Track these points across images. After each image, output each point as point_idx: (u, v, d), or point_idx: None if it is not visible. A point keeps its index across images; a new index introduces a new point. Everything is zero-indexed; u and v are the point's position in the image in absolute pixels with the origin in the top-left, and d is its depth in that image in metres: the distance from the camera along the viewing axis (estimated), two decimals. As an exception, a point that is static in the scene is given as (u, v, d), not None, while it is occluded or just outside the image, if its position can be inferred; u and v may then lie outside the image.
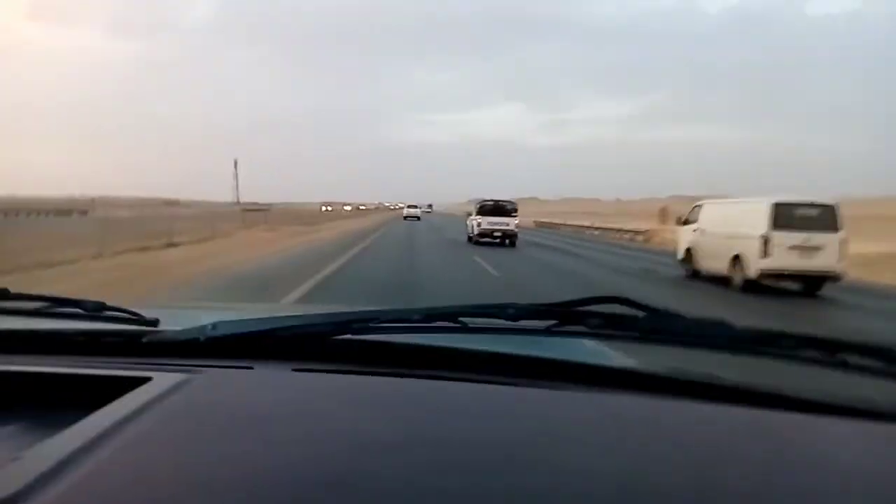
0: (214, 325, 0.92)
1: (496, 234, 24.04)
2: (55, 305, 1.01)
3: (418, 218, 62.25)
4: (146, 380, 0.73)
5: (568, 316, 0.93)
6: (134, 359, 0.89)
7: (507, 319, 0.92)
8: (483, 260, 16.59)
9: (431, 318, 0.95)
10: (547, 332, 0.93)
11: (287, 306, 5.30)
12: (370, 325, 0.94)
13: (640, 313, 0.92)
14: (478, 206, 25.51)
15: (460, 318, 0.95)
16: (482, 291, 10.64)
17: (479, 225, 24.24)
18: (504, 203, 25.40)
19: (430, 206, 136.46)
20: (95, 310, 0.98)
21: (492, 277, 13.37)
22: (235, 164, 54.27)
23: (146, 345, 0.90)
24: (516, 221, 24.71)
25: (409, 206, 69.95)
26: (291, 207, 74.69)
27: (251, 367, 0.88)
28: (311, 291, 9.42)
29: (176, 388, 0.72)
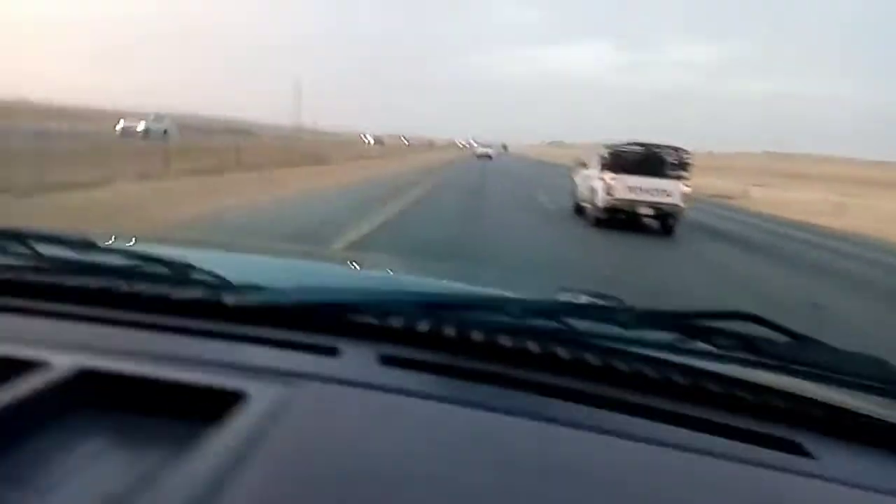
0: (299, 291, 0.92)
1: (644, 209, 12.96)
2: (142, 263, 0.99)
3: (490, 157, 62.18)
4: (241, 394, 0.68)
5: (693, 330, 0.85)
6: (214, 324, 0.88)
7: (620, 326, 0.85)
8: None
9: (529, 312, 0.89)
10: (670, 349, 0.84)
11: (338, 253, 5.54)
12: (462, 311, 0.91)
13: (780, 337, 0.84)
14: (609, 152, 13.58)
15: (564, 318, 0.87)
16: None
17: (609, 189, 12.78)
18: (661, 151, 13.44)
19: (504, 146, 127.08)
20: (181, 271, 0.98)
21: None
22: (297, 84, 44.42)
23: (230, 309, 0.89)
24: (684, 189, 12.96)
25: (482, 146, 72.32)
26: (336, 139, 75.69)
27: (335, 349, 0.84)
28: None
29: (278, 407, 0.68)
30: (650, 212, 12.85)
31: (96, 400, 0.67)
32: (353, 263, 1.95)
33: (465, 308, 0.93)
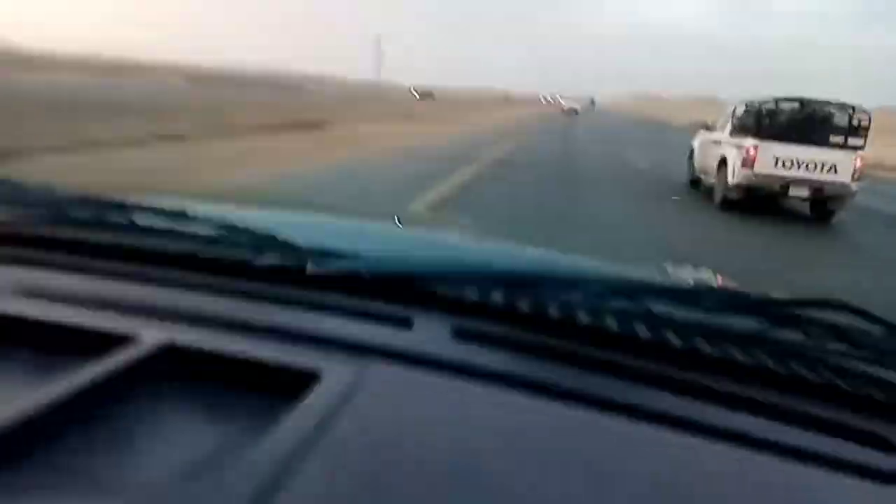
0: (378, 259, 0.93)
1: (798, 190, 9.52)
2: (224, 232, 1.00)
3: (577, 112, 62.10)
4: (316, 373, 0.69)
5: (782, 317, 0.82)
6: (294, 290, 0.91)
7: (705, 310, 0.84)
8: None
9: (608, 291, 0.87)
10: (757, 336, 0.81)
11: (415, 215, 5.22)
12: (539, 287, 0.89)
13: (876, 328, 0.80)
14: (750, 110, 10.18)
15: (645, 298, 0.86)
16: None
17: (748, 161, 9.44)
18: (827, 109, 9.80)
19: (592, 101, 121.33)
20: (261, 237, 0.98)
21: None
22: (378, 40, 42.85)
23: (308, 277, 0.90)
24: (857, 164, 9.50)
25: (568, 101, 72.09)
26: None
27: (409, 321, 0.85)
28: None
29: (350, 387, 0.69)
30: (805, 193, 9.55)
31: (178, 373, 0.70)
32: (430, 229, 2.03)
33: (543, 283, 0.91)
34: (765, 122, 9.61)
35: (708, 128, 11.74)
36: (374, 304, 0.89)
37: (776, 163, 9.32)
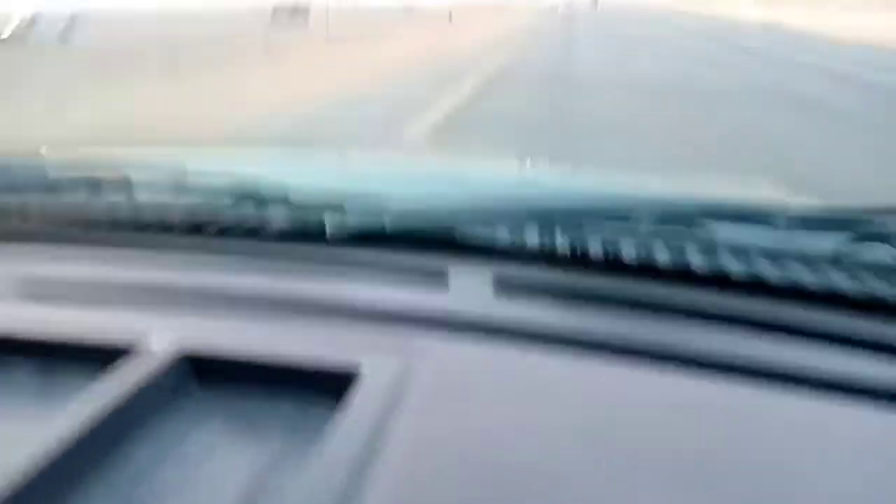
0: (399, 205, 0.87)
1: None
2: (233, 185, 0.95)
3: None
4: (355, 372, 0.64)
5: (871, 231, 0.77)
6: (311, 248, 0.87)
7: (774, 228, 0.78)
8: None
9: (664, 218, 0.82)
10: (842, 256, 0.75)
11: (417, 140, 4.87)
12: (583, 223, 0.84)
13: None
14: None
15: (704, 225, 0.81)
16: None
17: None
18: None
19: None
20: (282, 195, 0.92)
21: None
22: None
23: (327, 238, 0.86)
24: None
25: None
26: None
27: (444, 274, 0.81)
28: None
29: (396, 385, 0.64)
30: None
31: (198, 383, 0.66)
32: (445, 158, 1.90)
33: (584, 215, 0.86)
34: None
35: None
36: (403, 260, 0.85)
37: None
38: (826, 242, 0.78)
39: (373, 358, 0.67)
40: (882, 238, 0.77)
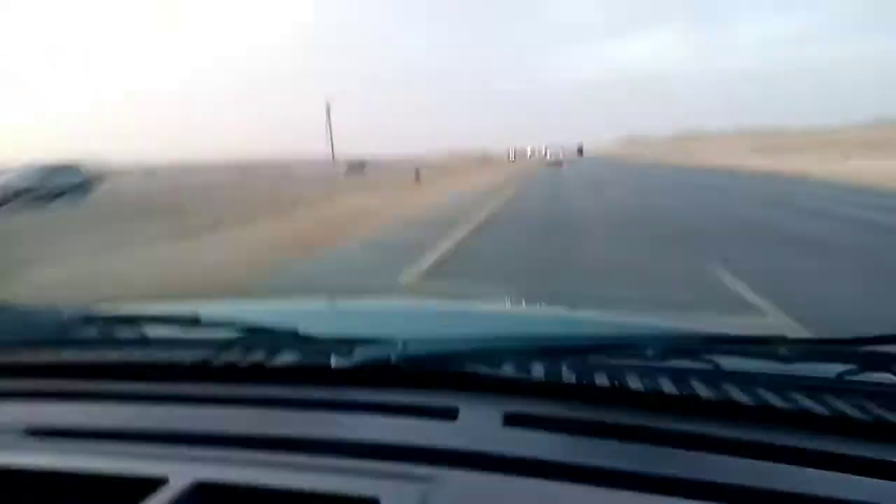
0: (406, 343, 0.87)
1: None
2: (244, 334, 0.98)
3: (561, 164, 58.36)
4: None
5: (871, 359, 0.77)
6: (318, 390, 0.87)
7: (776, 360, 0.79)
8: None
9: (669, 351, 0.83)
10: (843, 383, 0.76)
11: (418, 285, 5.06)
12: (590, 355, 0.84)
13: None
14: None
15: (708, 357, 0.82)
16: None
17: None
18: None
19: (580, 149, 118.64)
20: (281, 335, 0.95)
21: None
22: (328, 110, 40.61)
23: (333, 372, 0.87)
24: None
25: (552, 152, 73.99)
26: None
27: (456, 410, 0.81)
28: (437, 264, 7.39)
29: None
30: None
31: None
32: (447, 300, 1.87)
33: (591, 350, 0.85)
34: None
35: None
36: (412, 396, 0.84)
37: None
38: (827, 371, 0.77)
39: (390, 488, 0.66)
40: (880, 366, 0.77)
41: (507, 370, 0.84)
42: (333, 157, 43.91)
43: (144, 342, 1.01)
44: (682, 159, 52.52)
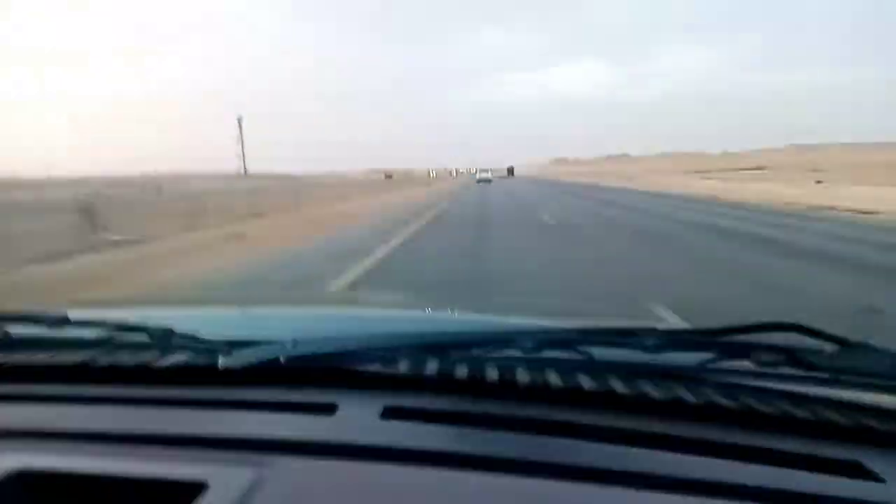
0: (295, 344, 0.87)
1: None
2: (119, 332, 0.97)
3: (489, 181, 62.88)
4: (201, 485, 0.65)
5: (729, 348, 0.82)
6: (203, 390, 0.87)
7: (643, 350, 0.82)
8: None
9: (544, 343, 0.85)
10: (704, 371, 0.80)
11: (336, 295, 5.11)
12: (472, 349, 0.87)
13: (828, 346, 0.81)
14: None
15: (580, 347, 0.85)
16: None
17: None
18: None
19: (509, 170, 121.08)
20: (163, 337, 0.94)
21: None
22: (240, 123, 40.08)
23: (220, 373, 0.86)
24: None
25: (482, 171, 75.80)
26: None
27: (334, 406, 0.82)
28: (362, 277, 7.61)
29: (246, 491, 0.65)
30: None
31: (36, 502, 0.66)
32: (351, 306, 1.95)
33: (475, 345, 0.88)
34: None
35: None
36: (295, 392, 0.84)
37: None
38: (693, 357, 0.81)
39: (223, 470, 0.67)
40: (740, 354, 0.81)
41: (390, 367, 0.86)
42: (245, 171, 42.97)
43: (6, 340, 0.97)
44: (621, 182, 53.13)
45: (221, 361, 0.85)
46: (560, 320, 1.39)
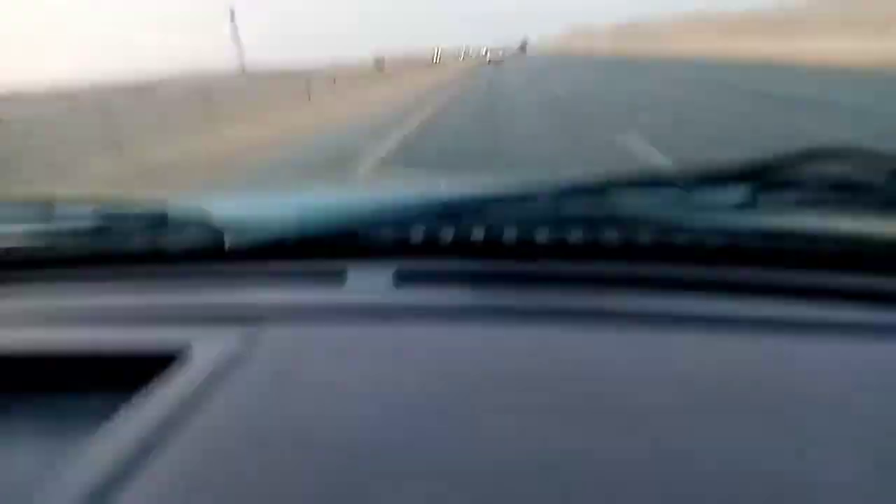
0: (301, 219, 0.84)
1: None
2: (113, 219, 0.92)
3: (501, 61, 57.20)
4: (179, 353, 0.63)
5: (771, 181, 0.76)
6: (207, 265, 0.85)
7: (679, 194, 0.77)
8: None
9: (566, 195, 0.80)
10: (745, 208, 0.75)
11: (358, 175, 5.32)
12: (488, 210, 0.83)
13: (882, 169, 0.75)
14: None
15: (609, 196, 0.80)
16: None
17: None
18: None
19: (522, 45, 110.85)
20: (157, 218, 0.91)
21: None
22: (233, 15, 37.77)
23: (227, 251, 0.84)
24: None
25: (492, 51, 70.25)
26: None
27: (343, 273, 0.80)
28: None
29: (229, 361, 0.62)
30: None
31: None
32: (368, 184, 1.93)
33: (491, 205, 0.84)
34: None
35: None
36: (298, 264, 0.83)
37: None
38: (730, 196, 0.76)
39: (207, 335, 0.64)
40: (782, 185, 0.77)
41: (403, 233, 0.83)
42: (244, 69, 41.19)
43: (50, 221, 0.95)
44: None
45: (228, 242, 0.83)
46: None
